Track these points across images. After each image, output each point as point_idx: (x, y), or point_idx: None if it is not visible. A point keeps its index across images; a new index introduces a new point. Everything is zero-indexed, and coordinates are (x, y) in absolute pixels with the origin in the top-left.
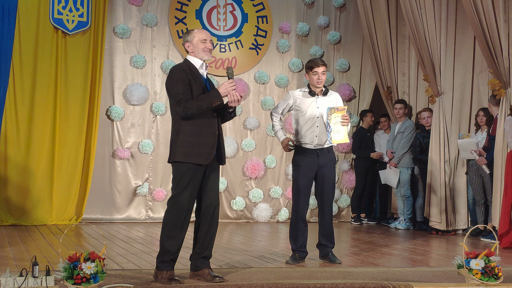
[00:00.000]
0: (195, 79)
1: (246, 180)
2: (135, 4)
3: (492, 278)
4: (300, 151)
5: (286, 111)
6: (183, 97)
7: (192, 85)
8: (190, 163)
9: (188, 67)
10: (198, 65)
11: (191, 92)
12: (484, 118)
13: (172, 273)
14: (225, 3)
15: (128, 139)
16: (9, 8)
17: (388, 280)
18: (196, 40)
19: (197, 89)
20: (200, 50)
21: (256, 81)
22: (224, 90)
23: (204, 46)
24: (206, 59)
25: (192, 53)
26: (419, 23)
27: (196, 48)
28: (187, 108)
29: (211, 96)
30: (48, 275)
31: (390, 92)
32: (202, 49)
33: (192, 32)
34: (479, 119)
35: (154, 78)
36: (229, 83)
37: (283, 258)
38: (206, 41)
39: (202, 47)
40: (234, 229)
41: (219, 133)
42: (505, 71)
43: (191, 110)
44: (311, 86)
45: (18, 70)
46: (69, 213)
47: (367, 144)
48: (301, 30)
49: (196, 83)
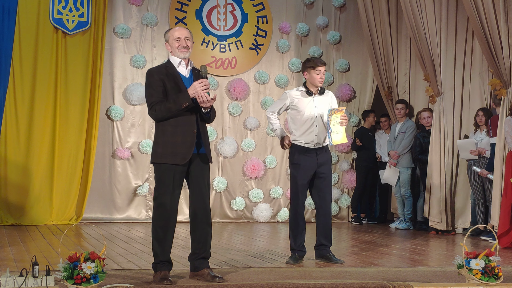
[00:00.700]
0: (171, 78)
1: (246, 180)
2: (135, 4)
3: (492, 278)
4: (299, 150)
5: (283, 111)
6: (155, 100)
7: (165, 85)
8: (167, 164)
9: (165, 67)
10: (176, 64)
11: (164, 92)
12: (483, 118)
13: (166, 273)
14: (225, 3)
15: (128, 139)
16: (9, 8)
17: (388, 280)
18: (171, 39)
19: (171, 88)
20: (175, 49)
21: (256, 81)
22: (194, 91)
23: (178, 44)
24: (182, 57)
25: (171, 53)
26: (419, 22)
27: (173, 48)
28: (156, 111)
29: (179, 97)
30: (48, 275)
31: (390, 92)
32: (177, 48)
33: (168, 31)
34: (478, 119)
35: None
36: (198, 83)
37: (283, 258)
38: (180, 39)
39: (177, 45)
40: (234, 229)
41: (198, 131)
42: (506, 71)
43: (161, 113)
44: (310, 85)
45: (18, 70)
46: (69, 213)
47: (369, 145)
48: (301, 30)
49: (171, 83)
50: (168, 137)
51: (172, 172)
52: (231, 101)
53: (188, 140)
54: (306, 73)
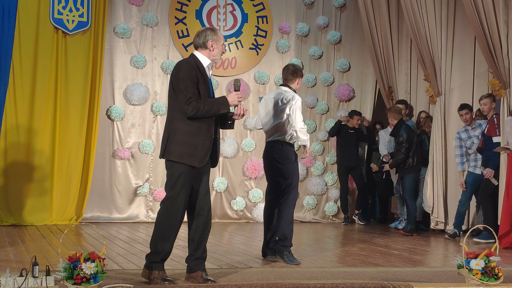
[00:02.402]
0: (203, 78)
1: (246, 180)
2: (135, 4)
3: (492, 278)
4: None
5: None
6: (193, 96)
7: (199, 84)
8: (185, 164)
9: (196, 64)
10: (206, 64)
11: (198, 91)
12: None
13: (163, 273)
14: (225, 3)
15: (128, 139)
16: (9, 8)
17: (388, 280)
18: (221, 42)
19: (204, 89)
20: (219, 52)
21: (256, 81)
22: (232, 100)
23: (223, 49)
24: (209, 61)
25: (205, 51)
26: (419, 23)
27: (217, 49)
28: (197, 109)
29: (219, 102)
30: (48, 275)
31: (391, 92)
32: (221, 52)
33: (217, 32)
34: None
35: (155, 78)
36: (237, 95)
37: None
38: (224, 45)
39: (223, 50)
40: (234, 229)
41: (215, 137)
42: (505, 71)
43: (200, 112)
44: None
45: (18, 70)
46: (69, 213)
47: (349, 144)
48: (301, 31)
49: (204, 83)
50: (189, 137)
51: (188, 174)
52: None
53: (207, 145)
54: (299, 79)
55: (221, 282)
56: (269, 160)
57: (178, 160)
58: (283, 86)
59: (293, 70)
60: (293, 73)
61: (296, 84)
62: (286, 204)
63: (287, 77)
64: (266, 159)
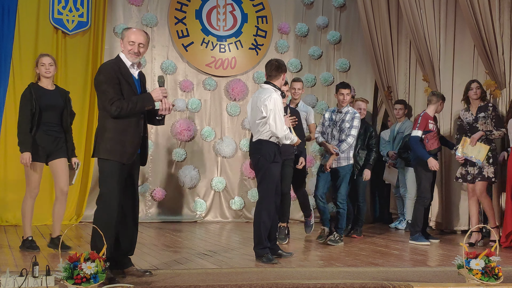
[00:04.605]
0: (125, 78)
1: (244, 180)
2: (135, 4)
3: (492, 278)
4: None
5: None
6: (115, 96)
7: (122, 85)
8: (114, 161)
9: (118, 65)
10: (129, 64)
11: (121, 91)
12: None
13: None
14: (225, 3)
15: None
16: (9, 8)
17: (388, 280)
18: (126, 40)
19: (127, 89)
20: (126, 51)
21: (254, 82)
22: (157, 95)
23: (131, 48)
24: (131, 61)
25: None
26: (418, 23)
27: (125, 49)
28: (120, 108)
29: (144, 99)
30: (48, 275)
31: (390, 92)
32: (128, 51)
33: (127, 30)
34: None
35: (154, 78)
36: (161, 90)
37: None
38: (134, 43)
39: (129, 48)
40: (233, 229)
41: (144, 135)
42: (501, 72)
43: (124, 111)
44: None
45: (18, 70)
46: (69, 213)
47: None
48: (300, 31)
49: (126, 83)
50: (117, 135)
51: (119, 170)
52: (229, 101)
53: (136, 141)
54: (285, 75)
55: (221, 282)
56: (252, 160)
57: (107, 158)
58: (265, 84)
59: (277, 66)
60: (277, 69)
61: (281, 80)
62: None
63: (270, 73)
64: (251, 160)
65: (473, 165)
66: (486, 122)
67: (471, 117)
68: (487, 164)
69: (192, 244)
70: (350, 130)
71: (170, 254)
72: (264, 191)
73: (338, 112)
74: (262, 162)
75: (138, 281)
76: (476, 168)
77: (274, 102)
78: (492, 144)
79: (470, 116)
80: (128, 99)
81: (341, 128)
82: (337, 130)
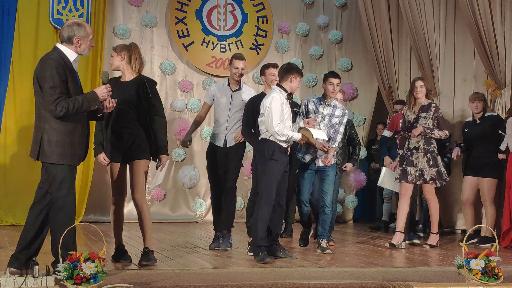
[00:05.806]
0: (71, 74)
1: (245, 180)
2: (134, 5)
3: (492, 278)
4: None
5: None
6: (61, 95)
7: (69, 82)
8: (67, 165)
9: (62, 59)
10: (73, 59)
11: (68, 89)
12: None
13: None
14: (225, 3)
15: None
16: (9, 8)
17: (388, 280)
18: (87, 37)
19: (73, 86)
20: (87, 47)
21: (255, 82)
22: (102, 94)
23: (90, 44)
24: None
25: (71, 46)
26: (418, 23)
27: (84, 44)
28: (66, 109)
29: (90, 99)
30: (48, 275)
31: (391, 92)
32: (88, 46)
33: (84, 26)
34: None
35: (154, 78)
36: (106, 88)
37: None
38: (92, 39)
39: (89, 44)
40: (234, 228)
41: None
42: (500, 72)
43: (70, 111)
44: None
45: (18, 70)
46: None
47: None
48: (301, 30)
49: (72, 80)
50: (66, 137)
51: (72, 174)
52: None
53: (84, 141)
54: (294, 77)
55: (221, 282)
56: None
57: (59, 162)
58: (274, 86)
59: (286, 68)
60: (286, 71)
61: (289, 82)
62: (257, 204)
63: (282, 75)
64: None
65: (411, 165)
66: (427, 123)
67: (413, 116)
68: (428, 166)
69: (192, 244)
70: (339, 127)
71: (170, 254)
72: (263, 188)
73: (327, 105)
74: (260, 159)
75: (138, 281)
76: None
77: (271, 100)
78: (431, 145)
79: (412, 114)
80: (74, 98)
81: (331, 124)
82: (325, 124)
